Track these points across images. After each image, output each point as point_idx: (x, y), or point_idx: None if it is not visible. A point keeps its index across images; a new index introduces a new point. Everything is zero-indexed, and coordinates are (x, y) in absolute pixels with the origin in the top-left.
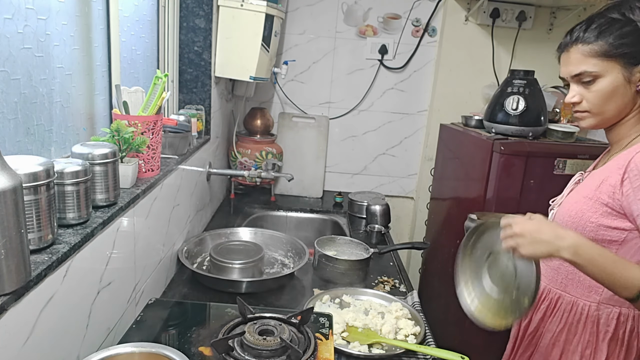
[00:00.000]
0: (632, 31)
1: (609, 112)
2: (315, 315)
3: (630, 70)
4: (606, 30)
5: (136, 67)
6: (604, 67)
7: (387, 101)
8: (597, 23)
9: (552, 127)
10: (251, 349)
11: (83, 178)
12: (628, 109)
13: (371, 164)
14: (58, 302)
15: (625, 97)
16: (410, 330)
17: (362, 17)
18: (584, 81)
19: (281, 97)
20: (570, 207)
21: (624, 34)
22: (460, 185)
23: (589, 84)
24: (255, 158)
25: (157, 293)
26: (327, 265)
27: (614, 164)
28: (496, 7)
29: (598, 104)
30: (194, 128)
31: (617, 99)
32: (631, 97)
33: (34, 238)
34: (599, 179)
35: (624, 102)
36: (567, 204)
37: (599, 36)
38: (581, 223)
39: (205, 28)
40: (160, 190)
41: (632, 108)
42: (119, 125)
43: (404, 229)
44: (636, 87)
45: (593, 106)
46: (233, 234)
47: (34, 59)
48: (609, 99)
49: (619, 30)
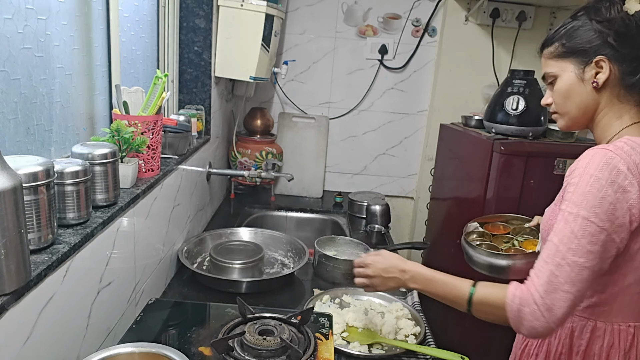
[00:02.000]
0: (584, 31)
1: (572, 112)
2: (315, 315)
3: (582, 69)
4: (562, 32)
5: (136, 67)
6: (559, 67)
7: (387, 101)
8: (559, 26)
9: (552, 127)
10: (251, 349)
11: (83, 178)
12: (592, 107)
13: (371, 164)
14: (58, 302)
15: (582, 95)
16: (410, 330)
17: (362, 17)
18: (549, 83)
19: (281, 97)
20: (546, 216)
21: (575, 34)
22: (460, 185)
23: (552, 85)
24: (255, 158)
25: (157, 293)
26: (327, 265)
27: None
28: (496, 7)
29: (560, 104)
30: (194, 128)
31: (575, 97)
32: (590, 95)
33: (34, 238)
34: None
35: (582, 101)
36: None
37: (556, 39)
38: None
39: (205, 28)
40: (160, 190)
41: (599, 107)
42: (119, 125)
43: (404, 229)
44: (591, 84)
45: (557, 106)
46: (233, 234)
47: (34, 59)
48: (566, 98)
49: (572, 32)
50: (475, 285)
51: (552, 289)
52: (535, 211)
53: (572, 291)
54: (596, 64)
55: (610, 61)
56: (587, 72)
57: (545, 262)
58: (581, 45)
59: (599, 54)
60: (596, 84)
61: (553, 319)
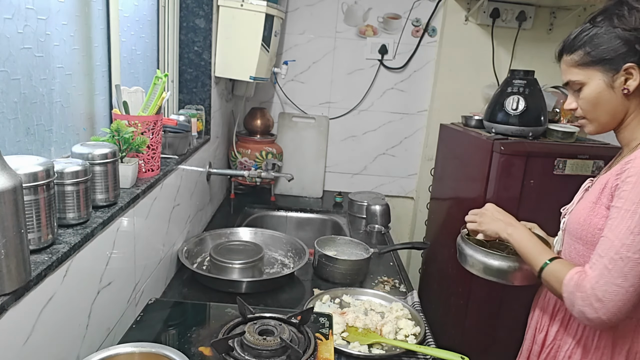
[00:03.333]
0: (609, 39)
1: (602, 118)
2: (315, 315)
3: (610, 77)
4: (585, 40)
5: (136, 67)
6: (586, 75)
7: (387, 101)
8: (577, 33)
9: (552, 127)
10: (251, 349)
11: (83, 178)
12: (621, 112)
13: (371, 164)
14: (58, 302)
15: (612, 102)
16: (410, 330)
17: (362, 17)
18: (574, 89)
19: (281, 97)
20: (579, 214)
21: (600, 42)
22: (460, 185)
23: (578, 91)
24: (255, 158)
25: (157, 293)
26: (327, 265)
27: (618, 166)
28: (496, 7)
29: (588, 110)
30: (194, 128)
31: (605, 104)
32: (620, 101)
33: (34, 238)
34: (602, 183)
35: (612, 107)
36: (577, 211)
37: (578, 46)
38: (590, 230)
39: (205, 28)
40: (160, 190)
41: (628, 111)
42: (119, 125)
43: (404, 229)
44: (621, 91)
45: (585, 112)
46: (233, 234)
47: (34, 59)
48: (596, 105)
49: (596, 39)
50: (551, 260)
51: (604, 282)
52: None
53: (624, 286)
54: (626, 72)
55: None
56: (617, 79)
57: (600, 256)
58: (608, 54)
59: (627, 61)
60: (627, 91)
61: (603, 310)
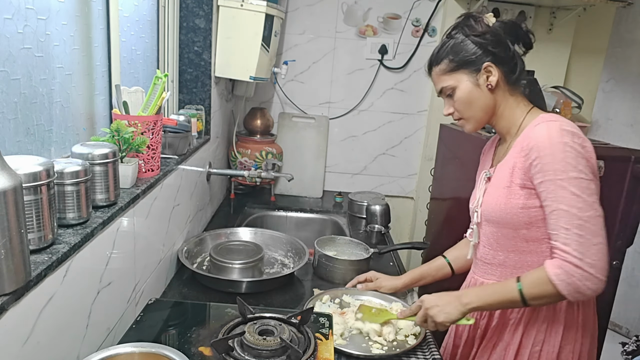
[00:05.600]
0: (466, 45)
1: (477, 114)
2: (315, 315)
3: (475, 77)
4: (447, 50)
5: (136, 67)
6: (455, 79)
7: (387, 101)
8: (440, 47)
9: None
10: (251, 349)
11: (83, 178)
12: (492, 106)
13: (371, 164)
14: (58, 302)
15: (482, 98)
16: (410, 330)
17: (362, 17)
18: (448, 95)
19: (281, 97)
20: (493, 202)
21: (459, 49)
22: (460, 185)
23: (451, 96)
24: (255, 158)
25: (157, 293)
26: (327, 265)
27: (517, 150)
28: (496, 7)
29: (464, 110)
30: (194, 128)
31: (476, 101)
32: (488, 97)
33: (34, 238)
34: (508, 167)
35: (483, 103)
36: (489, 200)
37: (443, 57)
38: (511, 211)
39: (205, 28)
40: (160, 190)
41: (497, 104)
42: (119, 125)
43: (404, 229)
44: (486, 87)
45: (462, 113)
46: (233, 234)
47: (34, 59)
48: (469, 104)
49: (456, 48)
50: (517, 279)
51: (585, 248)
52: None
53: (601, 241)
54: (485, 70)
55: (495, 65)
56: (480, 77)
57: (567, 229)
58: (468, 57)
59: (484, 61)
60: (490, 86)
61: (600, 272)
